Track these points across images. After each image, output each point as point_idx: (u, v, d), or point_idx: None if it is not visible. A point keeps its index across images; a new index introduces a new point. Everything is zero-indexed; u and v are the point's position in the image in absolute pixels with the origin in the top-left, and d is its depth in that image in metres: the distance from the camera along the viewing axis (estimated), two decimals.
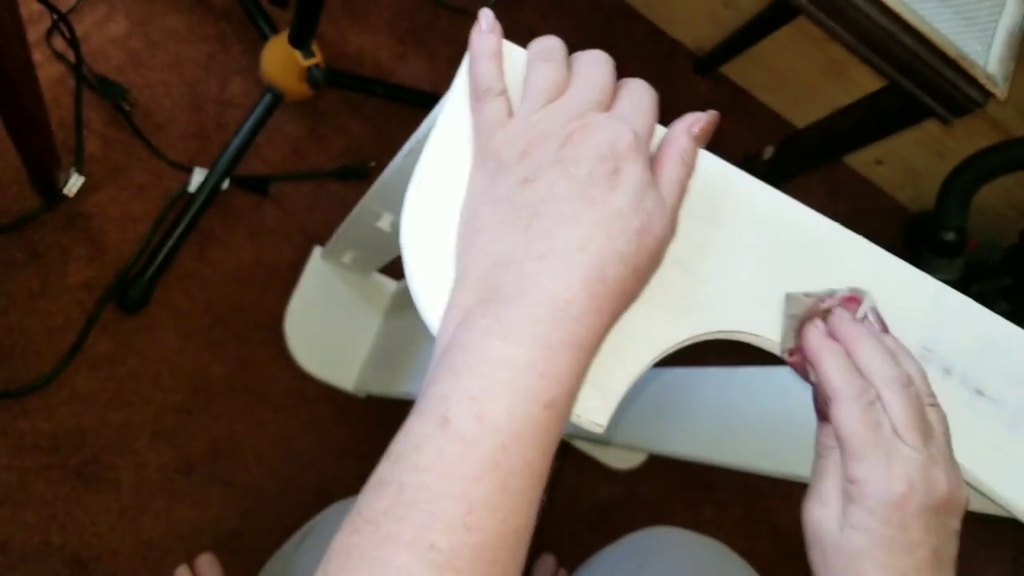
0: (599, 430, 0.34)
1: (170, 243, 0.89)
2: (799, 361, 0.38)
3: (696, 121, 0.36)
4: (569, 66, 0.35)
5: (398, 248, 0.35)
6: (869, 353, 0.35)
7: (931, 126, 1.24)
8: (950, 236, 1.14)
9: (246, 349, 0.94)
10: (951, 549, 0.34)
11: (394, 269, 0.99)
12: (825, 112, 0.89)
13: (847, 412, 0.34)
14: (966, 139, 1.24)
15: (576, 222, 0.31)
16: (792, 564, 1.17)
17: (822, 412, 0.37)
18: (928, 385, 0.36)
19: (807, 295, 0.38)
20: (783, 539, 1.17)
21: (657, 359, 0.36)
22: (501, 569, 0.28)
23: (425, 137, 0.48)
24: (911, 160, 1.34)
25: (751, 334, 0.38)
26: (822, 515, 0.36)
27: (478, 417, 0.28)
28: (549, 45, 0.36)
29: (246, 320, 0.94)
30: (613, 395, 0.34)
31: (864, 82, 1.18)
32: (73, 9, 0.94)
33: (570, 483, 1.07)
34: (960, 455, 0.37)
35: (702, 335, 0.37)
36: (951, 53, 0.63)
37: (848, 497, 0.34)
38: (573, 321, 0.30)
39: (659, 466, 1.12)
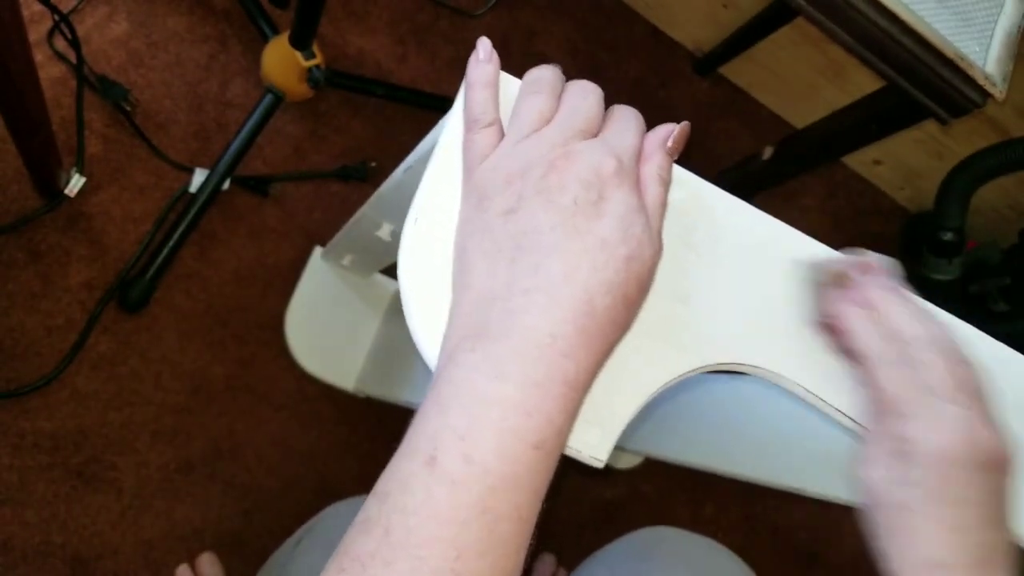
0: (599, 465, 0.34)
1: (171, 243, 0.89)
2: (830, 329, 0.38)
3: (668, 135, 0.35)
4: (558, 97, 0.35)
5: (396, 255, 0.35)
6: (899, 314, 0.35)
7: (930, 126, 1.25)
8: (949, 236, 1.14)
9: (247, 349, 0.94)
10: (1001, 506, 0.34)
11: (394, 270, 0.99)
12: (824, 113, 0.90)
13: (887, 375, 0.34)
14: (965, 139, 1.25)
15: (561, 253, 0.30)
16: (792, 564, 1.18)
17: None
18: (956, 344, 0.36)
19: (830, 262, 0.38)
20: (783, 539, 1.18)
21: (657, 393, 0.35)
22: None
23: (424, 155, 0.47)
24: (910, 160, 1.34)
25: (751, 366, 0.38)
26: (875, 476, 0.35)
27: (466, 458, 0.27)
28: (539, 76, 0.35)
29: (247, 320, 0.94)
30: (613, 430, 0.34)
31: (863, 83, 1.19)
32: (74, 10, 0.94)
33: (571, 483, 1.07)
34: None
35: (702, 368, 0.37)
36: (949, 54, 0.63)
37: (899, 455, 0.34)
38: (562, 356, 0.29)
39: (659, 466, 1.12)
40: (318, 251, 0.97)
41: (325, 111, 1.04)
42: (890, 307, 0.35)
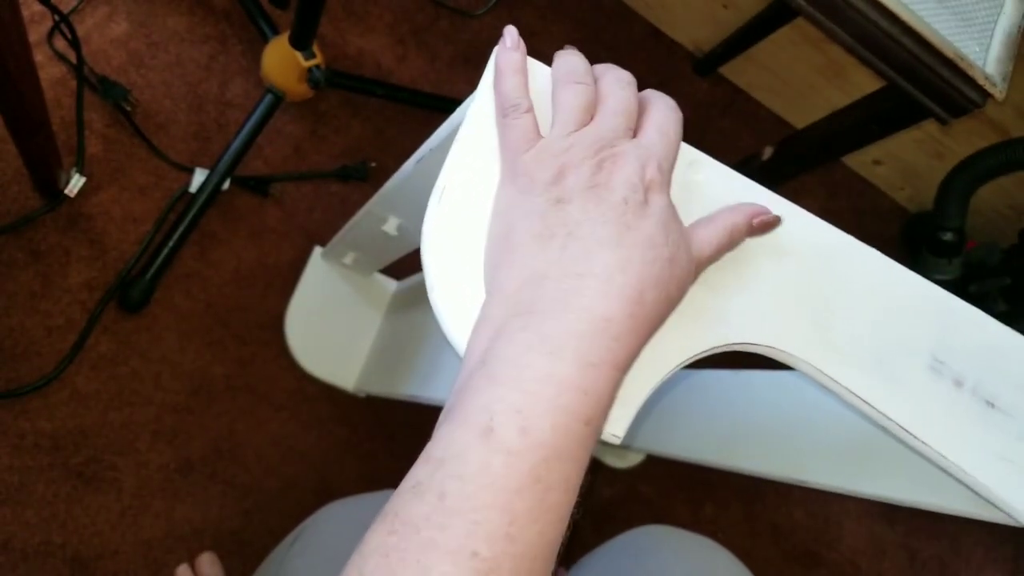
0: (616, 441, 0.34)
1: (171, 243, 0.89)
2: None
3: (762, 214, 0.38)
4: (596, 87, 0.36)
5: (402, 250, 0.35)
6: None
7: (930, 127, 1.25)
8: (949, 236, 1.14)
9: (247, 349, 0.94)
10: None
11: (394, 269, 0.99)
12: (824, 113, 0.90)
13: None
14: (965, 139, 1.25)
15: (614, 245, 0.31)
16: (792, 564, 1.18)
17: None
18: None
19: None
20: (783, 539, 1.18)
21: (673, 371, 0.36)
22: (539, 574, 0.28)
23: (438, 146, 0.48)
24: (910, 160, 1.34)
25: (764, 346, 0.38)
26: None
27: (523, 431, 0.28)
28: (576, 66, 0.36)
29: (247, 320, 0.94)
30: (630, 406, 0.35)
31: (863, 83, 1.19)
32: (74, 10, 0.94)
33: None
34: (970, 466, 0.39)
35: (718, 347, 0.37)
36: (949, 54, 0.63)
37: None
38: (613, 340, 0.30)
39: (659, 465, 1.12)
40: (318, 251, 0.97)
41: (325, 111, 1.04)
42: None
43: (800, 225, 0.41)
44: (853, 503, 1.24)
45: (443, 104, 1.08)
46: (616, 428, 0.34)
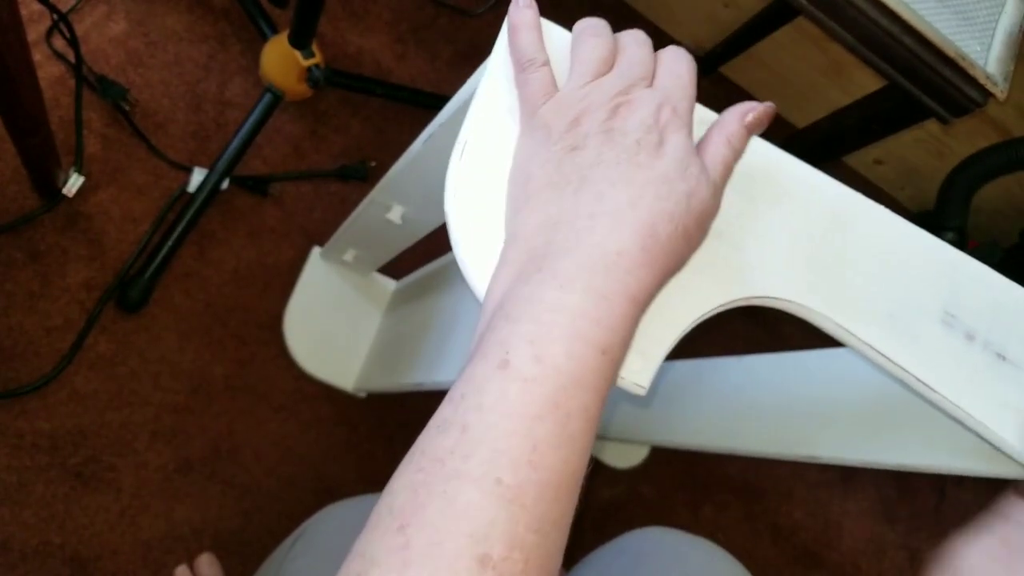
0: (642, 392, 0.35)
1: (170, 243, 0.89)
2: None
3: (751, 110, 0.37)
4: (614, 43, 0.37)
5: (404, 242, 0.35)
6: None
7: (931, 126, 1.24)
8: (950, 236, 1.14)
9: (246, 349, 0.94)
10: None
11: (393, 269, 0.99)
12: (825, 112, 0.89)
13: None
14: (966, 139, 1.24)
15: (626, 184, 0.32)
16: (791, 564, 1.17)
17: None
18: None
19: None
20: (783, 539, 1.17)
21: (695, 323, 0.37)
22: (560, 508, 0.29)
23: (447, 121, 0.49)
24: (911, 160, 1.34)
25: (783, 300, 0.39)
26: (983, 569, 0.38)
27: (537, 359, 0.29)
28: (595, 22, 0.38)
29: (246, 320, 0.94)
30: (654, 358, 0.36)
31: (864, 82, 1.19)
32: (73, 9, 0.94)
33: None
34: (985, 417, 0.40)
35: (737, 301, 0.38)
36: (950, 53, 0.63)
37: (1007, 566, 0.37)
38: (626, 273, 0.31)
39: (659, 466, 1.12)
40: (316, 251, 0.97)
41: (325, 110, 1.04)
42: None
43: (814, 184, 0.42)
44: (853, 503, 1.24)
45: (443, 103, 1.07)
46: (640, 379, 0.35)
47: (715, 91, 1.32)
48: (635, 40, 0.37)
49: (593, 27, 0.37)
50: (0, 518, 0.80)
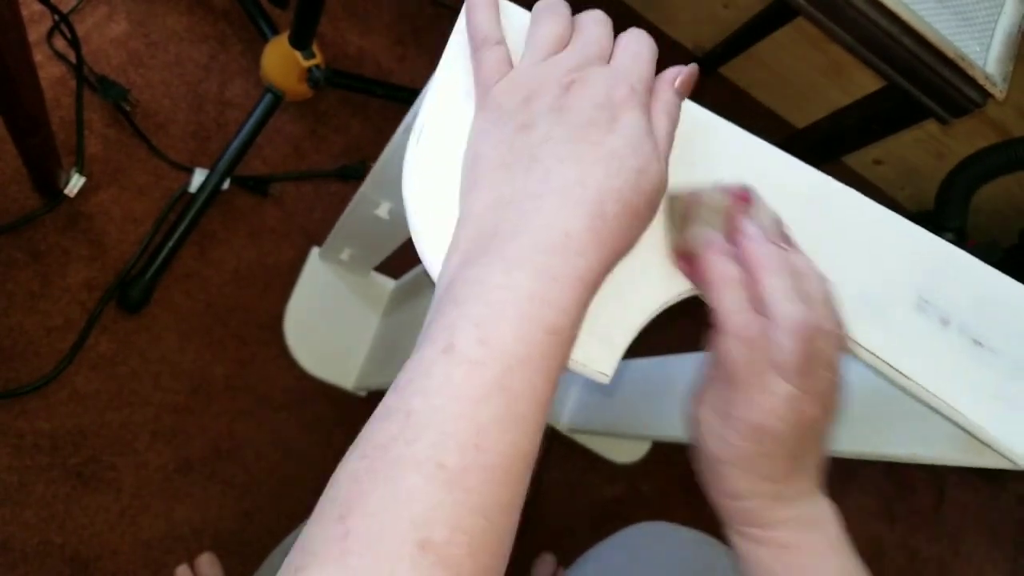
0: (605, 380, 0.35)
1: (171, 243, 0.89)
2: (689, 270, 0.37)
3: (677, 74, 0.37)
4: (572, 23, 0.36)
5: (397, 239, 0.35)
6: (776, 288, 0.34)
7: (930, 126, 1.25)
8: (949, 236, 1.14)
9: (246, 349, 0.94)
10: (817, 452, 0.37)
11: (392, 268, 0.99)
12: (824, 112, 0.90)
13: (735, 349, 0.34)
14: (965, 139, 1.25)
15: (574, 162, 0.31)
16: None
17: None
18: (834, 308, 0.35)
19: (691, 193, 0.37)
20: None
21: (659, 311, 0.37)
22: (509, 492, 0.28)
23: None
24: (910, 160, 1.34)
25: None
26: (702, 418, 0.37)
27: (482, 341, 0.28)
28: (555, 1, 0.37)
29: (246, 320, 0.94)
30: (617, 346, 0.35)
31: (863, 82, 1.19)
32: (74, 10, 0.94)
33: (571, 482, 1.07)
34: (960, 403, 0.40)
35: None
36: (950, 53, 0.63)
37: (723, 415, 0.35)
38: (574, 254, 0.30)
39: (660, 464, 1.12)
40: (315, 251, 0.97)
41: (325, 111, 1.04)
42: (770, 277, 0.34)
43: (787, 167, 0.41)
44: (853, 503, 1.24)
45: None
46: (604, 367, 0.35)
47: (715, 91, 1.32)
48: (593, 20, 0.36)
49: (551, 6, 0.37)
50: (1, 518, 0.81)
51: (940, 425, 0.47)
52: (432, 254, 0.34)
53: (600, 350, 0.35)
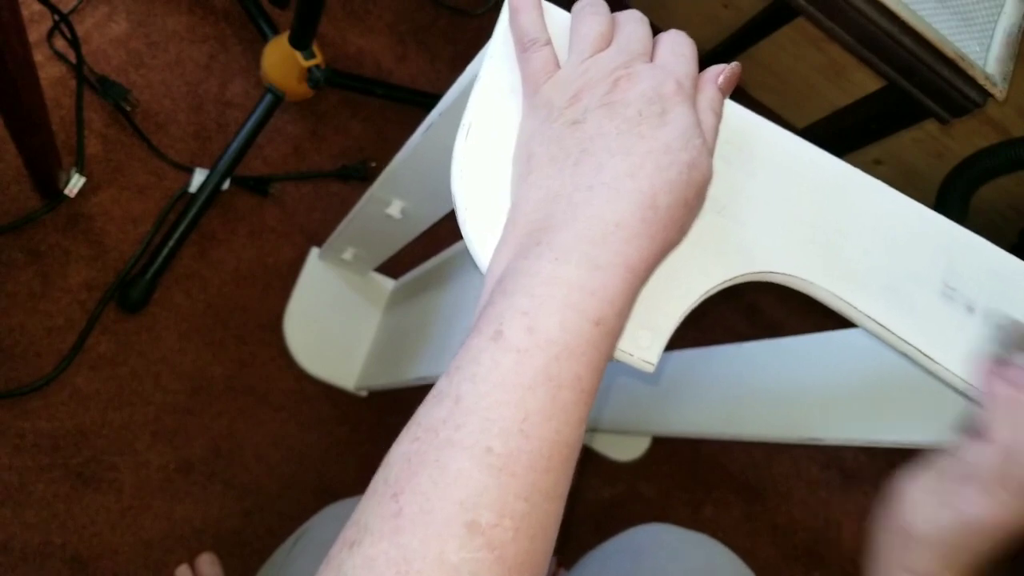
0: (650, 368, 0.35)
1: (171, 243, 0.89)
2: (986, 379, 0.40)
3: (720, 73, 0.38)
4: (613, 21, 0.37)
5: (403, 239, 0.36)
6: None
7: (930, 126, 1.25)
8: None
9: (246, 349, 0.94)
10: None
11: (391, 268, 0.99)
12: (824, 112, 0.90)
13: (992, 460, 0.37)
14: (965, 139, 1.24)
15: (626, 154, 0.32)
16: (792, 564, 1.18)
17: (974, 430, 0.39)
18: None
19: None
20: (783, 539, 1.18)
21: (701, 299, 0.37)
22: (553, 478, 0.29)
23: (447, 109, 0.49)
24: (910, 160, 1.34)
25: (785, 275, 0.39)
26: (920, 498, 0.39)
27: (530, 330, 0.29)
28: (595, 0, 0.38)
29: (247, 320, 0.94)
30: (662, 334, 0.36)
31: (863, 82, 1.19)
32: (74, 10, 0.94)
33: (571, 483, 1.07)
34: None
35: (741, 276, 0.38)
36: (950, 53, 0.63)
37: (942, 502, 0.38)
38: (623, 243, 0.31)
39: (660, 464, 1.12)
40: (315, 252, 0.97)
41: (325, 111, 1.04)
42: None
43: (812, 159, 0.42)
44: (853, 503, 1.24)
45: None
46: (649, 355, 0.35)
47: None
48: (633, 18, 0.37)
49: (592, 5, 0.37)
50: (1, 518, 0.81)
51: (947, 410, 0.47)
52: (480, 247, 0.35)
53: (646, 339, 0.35)
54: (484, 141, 0.36)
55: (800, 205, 0.41)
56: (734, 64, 0.38)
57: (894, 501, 0.40)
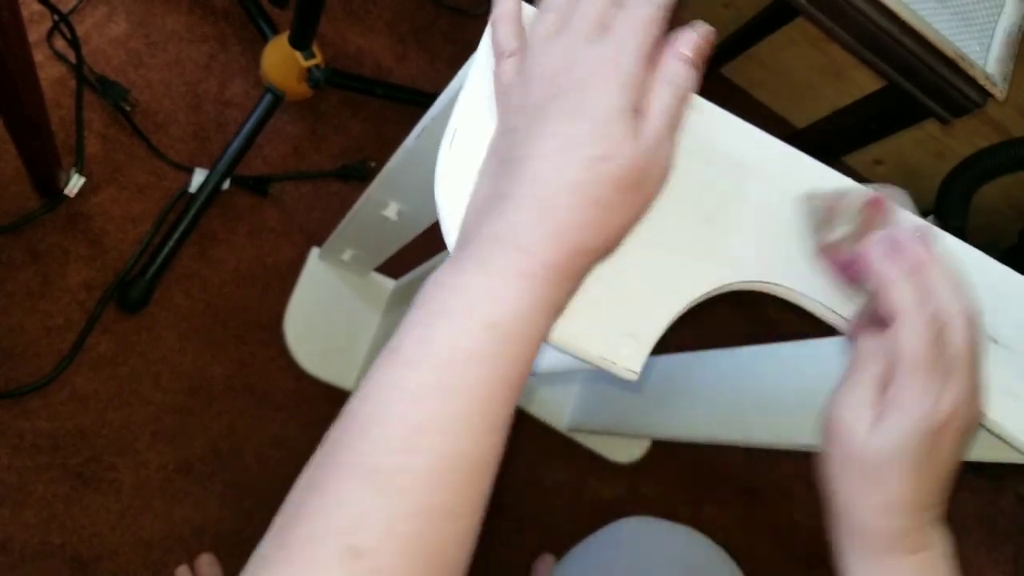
0: (633, 377, 0.35)
1: (171, 243, 0.89)
2: (836, 267, 0.38)
3: (686, 42, 0.34)
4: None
5: (401, 240, 0.36)
6: (939, 278, 0.34)
7: (930, 126, 1.25)
8: None
9: (246, 349, 0.94)
10: (959, 460, 0.36)
11: (391, 268, 0.99)
12: (825, 112, 0.90)
13: (916, 334, 0.33)
14: (965, 139, 1.24)
15: (531, 159, 0.31)
16: (792, 564, 1.18)
17: (872, 319, 0.36)
18: (976, 319, 0.36)
19: (830, 194, 0.39)
20: (783, 539, 1.18)
21: (686, 308, 0.37)
22: (450, 495, 0.27)
23: (439, 114, 0.50)
24: (910, 160, 1.34)
25: (772, 284, 0.39)
26: (853, 419, 0.35)
27: (420, 340, 0.29)
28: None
29: (246, 320, 0.94)
30: (645, 343, 0.36)
31: (864, 82, 1.19)
32: (74, 10, 0.94)
33: (572, 482, 1.07)
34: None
35: (727, 286, 0.38)
36: (950, 53, 0.63)
37: (889, 408, 0.34)
38: (516, 250, 0.30)
39: (660, 465, 1.12)
40: (315, 252, 0.97)
41: (325, 111, 1.04)
42: (933, 270, 0.34)
43: (794, 167, 0.42)
44: None
45: None
46: (632, 364, 0.35)
47: (715, 91, 1.32)
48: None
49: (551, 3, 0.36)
50: (1, 518, 0.81)
51: None
52: None
53: (630, 347, 0.35)
54: (467, 149, 0.36)
55: (788, 214, 0.41)
56: (701, 26, 0.34)
57: (829, 438, 0.36)
